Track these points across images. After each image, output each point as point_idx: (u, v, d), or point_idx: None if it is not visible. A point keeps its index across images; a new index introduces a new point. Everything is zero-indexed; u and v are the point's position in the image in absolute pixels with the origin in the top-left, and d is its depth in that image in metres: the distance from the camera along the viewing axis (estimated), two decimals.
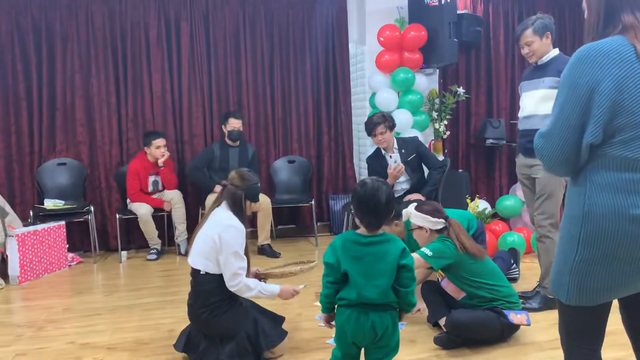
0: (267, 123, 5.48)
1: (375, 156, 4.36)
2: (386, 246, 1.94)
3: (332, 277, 1.98)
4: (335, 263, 1.96)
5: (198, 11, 5.20)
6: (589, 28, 1.49)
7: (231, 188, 2.60)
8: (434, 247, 2.76)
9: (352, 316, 1.94)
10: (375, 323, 1.93)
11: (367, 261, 1.93)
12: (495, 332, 2.74)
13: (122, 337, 3.02)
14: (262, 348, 2.57)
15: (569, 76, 1.41)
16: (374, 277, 1.91)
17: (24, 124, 4.92)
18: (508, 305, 2.79)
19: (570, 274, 1.45)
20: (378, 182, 1.97)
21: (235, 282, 2.48)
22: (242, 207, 2.59)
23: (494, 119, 5.88)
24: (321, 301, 2.05)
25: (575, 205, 1.45)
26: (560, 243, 1.51)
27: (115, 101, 5.09)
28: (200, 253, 2.54)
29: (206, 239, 2.52)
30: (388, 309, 1.95)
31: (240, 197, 2.58)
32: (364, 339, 1.97)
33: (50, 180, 4.88)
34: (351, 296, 1.94)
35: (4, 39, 4.84)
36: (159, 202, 4.83)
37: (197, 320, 2.59)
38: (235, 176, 2.63)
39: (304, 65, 5.52)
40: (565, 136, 1.41)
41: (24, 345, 2.94)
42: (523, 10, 6.09)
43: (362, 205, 1.95)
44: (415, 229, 2.91)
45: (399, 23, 5.15)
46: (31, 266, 4.24)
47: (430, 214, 2.83)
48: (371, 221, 1.95)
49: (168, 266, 4.60)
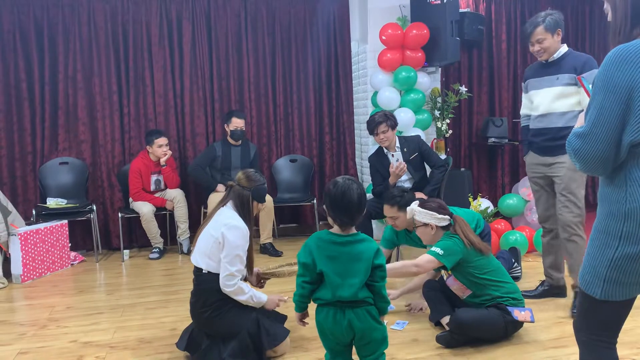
0: (269, 122, 5.48)
1: (377, 155, 4.35)
2: (361, 246, 1.97)
3: (308, 277, 2.00)
4: (310, 263, 1.98)
5: (200, 10, 5.20)
6: (615, 30, 1.52)
7: (238, 188, 2.61)
8: (443, 245, 2.76)
9: (329, 314, 1.97)
10: (351, 320, 1.95)
11: (343, 260, 1.95)
12: (499, 331, 2.73)
13: (125, 336, 3.02)
14: (265, 347, 2.57)
15: (605, 77, 1.43)
16: (348, 276, 1.94)
17: (27, 123, 4.93)
18: (512, 302, 2.78)
19: (608, 269, 1.49)
20: (349, 181, 2.00)
21: (230, 282, 2.48)
22: (249, 207, 2.60)
23: (496, 117, 5.88)
24: (295, 300, 2.07)
25: (615, 203, 1.49)
26: (595, 240, 1.54)
27: (117, 100, 5.09)
28: (203, 252, 2.55)
29: (210, 238, 2.52)
30: (364, 304, 1.97)
31: (247, 197, 2.60)
32: (342, 337, 1.99)
33: (53, 179, 4.88)
34: (326, 296, 1.96)
35: (6, 38, 4.85)
36: (161, 201, 4.83)
37: (199, 319, 2.59)
38: (242, 177, 2.63)
39: (306, 63, 5.51)
40: (606, 136, 1.43)
41: (26, 344, 2.95)
42: (525, 9, 6.08)
43: (334, 204, 1.97)
44: (420, 226, 2.89)
45: (401, 21, 5.15)
46: (34, 265, 4.24)
47: (435, 211, 2.83)
48: (344, 220, 1.97)
49: (170, 265, 4.60)
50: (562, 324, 3.00)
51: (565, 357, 2.59)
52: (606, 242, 1.50)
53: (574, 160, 1.52)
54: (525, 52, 6.12)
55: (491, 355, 2.64)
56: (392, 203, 3.36)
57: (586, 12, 6.36)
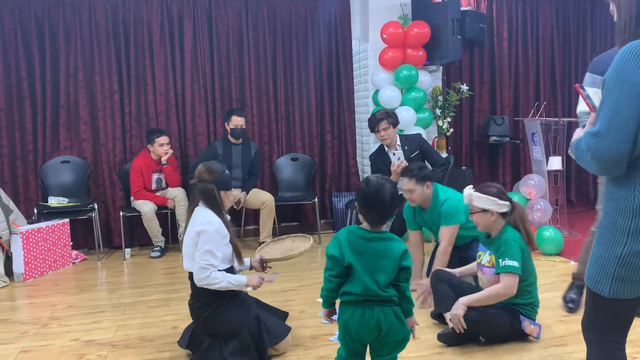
0: (270, 120, 5.48)
1: (379, 153, 4.35)
2: (389, 244, 1.97)
3: (336, 271, 1.98)
4: (339, 256, 1.96)
5: (201, 8, 5.20)
6: (621, 28, 1.52)
7: (201, 185, 2.57)
8: (513, 254, 2.62)
9: (357, 313, 1.94)
10: (380, 320, 1.93)
11: (370, 256, 1.95)
12: (503, 333, 2.72)
13: (126, 334, 3.03)
14: (266, 345, 2.57)
15: (618, 74, 1.43)
16: (375, 273, 1.93)
17: (28, 122, 4.93)
18: (528, 311, 2.74)
19: (617, 267, 1.48)
20: (382, 180, 1.99)
21: (202, 275, 2.45)
22: (217, 200, 2.56)
23: (498, 116, 5.88)
24: (323, 295, 2.05)
25: (622, 200, 1.48)
26: (602, 237, 1.53)
27: (118, 99, 5.09)
28: (190, 256, 2.54)
29: (190, 242, 2.52)
30: (391, 304, 1.96)
31: (212, 190, 2.55)
32: (368, 336, 1.96)
33: (54, 178, 4.89)
34: (356, 290, 1.94)
35: (7, 37, 4.85)
36: (163, 200, 4.83)
37: (199, 319, 2.59)
38: (203, 170, 2.59)
39: (307, 62, 5.51)
40: (623, 133, 1.41)
41: (28, 342, 2.95)
42: (527, 7, 6.08)
43: (366, 202, 1.97)
44: (478, 212, 2.72)
45: (402, 20, 5.14)
46: (35, 263, 4.25)
47: (497, 197, 2.68)
48: (375, 218, 1.97)
49: (172, 263, 4.60)
50: (563, 322, 3.00)
51: (567, 356, 2.59)
52: (614, 239, 1.49)
53: (590, 162, 1.48)
54: (527, 50, 6.11)
55: (492, 354, 2.64)
56: (410, 176, 3.40)
57: (587, 11, 6.35)
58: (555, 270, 4.04)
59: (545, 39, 6.18)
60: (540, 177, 4.88)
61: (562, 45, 6.32)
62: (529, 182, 4.82)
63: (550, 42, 6.23)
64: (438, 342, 2.77)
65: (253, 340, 2.54)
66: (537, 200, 4.77)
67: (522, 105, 6.14)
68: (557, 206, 5.12)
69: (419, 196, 3.42)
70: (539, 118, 5.03)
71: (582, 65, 6.41)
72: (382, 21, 5.04)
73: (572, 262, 4.24)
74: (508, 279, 2.65)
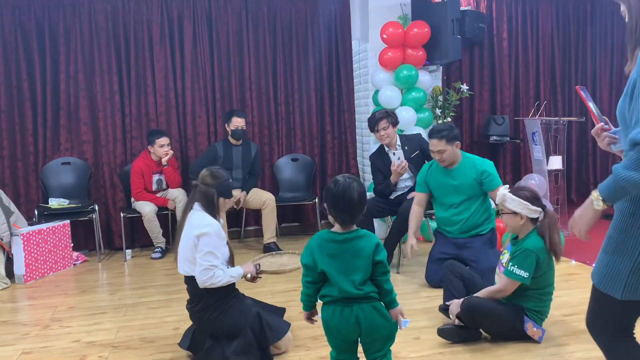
0: (271, 121, 5.48)
1: (379, 153, 4.35)
2: (361, 242, 1.97)
3: (311, 277, 2.02)
4: (311, 263, 2.00)
5: (201, 9, 5.20)
6: (632, 29, 1.52)
7: (203, 187, 2.58)
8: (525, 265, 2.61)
9: (336, 311, 1.98)
10: (359, 317, 1.95)
11: (344, 257, 1.96)
12: (504, 329, 2.72)
13: (127, 335, 3.03)
14: (269, 342, 2.58)
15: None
16: (350, 273, 1.95)
17: (28, 123, 4.94)
18: (535, 316, 2.73)
19: (631, 272, 1.47)
20: (350, 180, 2.00)
21: (206, 276, 2.45)
22: (215, 204, 2.58)
23: (498, 115, 5.88)
24: (302, 300, 2.09)
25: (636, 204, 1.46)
26: (615, 240, 1.52)
27: (118, 100, 5.10)
28: (186, 259, 2.54)
29: (187, 244, 2.52)
30: (370, 300, 1.97)
31: (212, 195, 2.57)
32: (350, 334, 1.99)
33: (55, 180, 4.89)
34: (333, 293, 1.97)
35: (8, 39, 4.85)
36: (163, 201, 4.84)
37: (200, 321, 2.59)
38: (207, 174, 2.62)
39: (307, 63, 5.51)
40: None
41: (29, 344, 2.96)
42: (527, 7, 6.08)
43: (335, 203, 1.98)
44: (508, 213, 2.69)
45: (402, 20, 5.14)
46: (36, 265, 4.25)
47: (530, 201, 2.64)
48: (345, 218, 1.98)
49: (172, 264, 4.55)
50: (564, 322, 3.00)
51: (568, 355, 2.59)
52: (629, 242, 1.47)
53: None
54: (527, 50, 6.11)
55: (493, 353, 2.64)
56: (440, 137, 3.50)
57: (587, 10, 6.35)
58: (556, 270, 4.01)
59: (545, 38, 6.18)
60: (540, 176, 4.88)
61: (562, 44, 6.32)
62: (529, 182, 4.81)
63: (550, 42, 6.23)
64: (439, 343, 2.77)
65: (255, 338, 2.55)
66: None
67: (522, 105, 6.14)
68: (558, 205, 5.13)
69: (449, 155, 3.56)
70: (539, 117, 5.03)
71: (582, 65, 6.41)
72: (382, 21, 5.04)
73: (573, 261, 4.25)
74: (508, 281, 2.68)
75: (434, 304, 3.28)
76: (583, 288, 3.59)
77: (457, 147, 3.58)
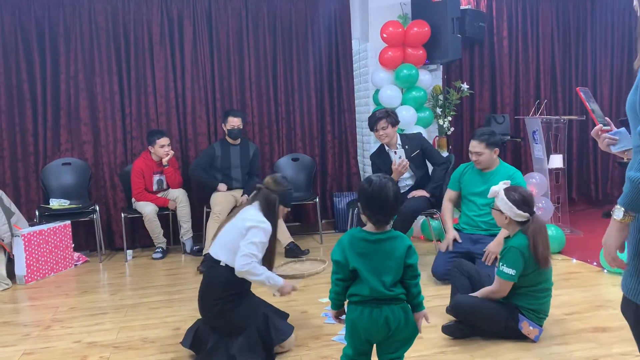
0: (271, 121, 5.48)
1: (379, 153, 4.35)
2: (393, 243, 1.95)
3: (341, 275, 1.99)
4: (343, 260, 1.97)
5: (201, 9, 5.20)
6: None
7: (266, 191, 2.68)
8: (512, 262, 2.63)
9: (365, 312, 1.94)
10: (388, 317, 1.93)
11: (375, 258, 1.94)
12: (497, 327, 2.72)
13: (128, 336, 3.03)
14: (275, 342, 2.60)
15: None
16: (381, 274, 1.93)
17: (29, 124, 4.94)
18: (531, 315, 2.73)
19: None
20: (384, 179, 1.97)
21: (245, 262, 2.46)
22: (274, 210, 2.67)
23: (498, 114, 5.87)
24: (331, 298, 2.06)
25: None
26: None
27: (119, 100, 5.10)
28: (224, 245, 2.58)
29: (233, 231, 2.57)
30: (399, 302, 1.97)
31: (274, 201, 2.67)
32: (377, 335, 1.96)
33: (55, 180, 4.89)
34: (364, 292, 1.95)
35: (8, 39, 4.86)
36: (164, 201, 4.84)
37: (208, 311, 2.60)
38: (270, 181, 2.72)
39: (307, 62, 5.51)
40: None
41: (30, 345, 2.96)
42: (526, 5, 6.07)
43: (370, 203, 1.95)
44: (496, 209, 2.76)
45: (402, 19, 5.14)
46: (37, 266, 4.25)
47: (516, 205, 2.67)
48: (379, 218, 1.96)
49: (173, 265, 4.61)
50: (565, 321, 3.00)
51: (569, 354, 2.59)
52: None
53: None
54: (527, 49, 6.11)
55: (494, 352, 2.63)
56: (481, 140, 3.61)
57: (587, 8, 6.35)
58: (557, 269, 4.02)
59: (545, 37, 6.17)
60: (541, 175, 4.88)
61: (563, 43, 6.31)
62: (530, 181, 4.81)
63: (551, 40, 6.22)
64: (441, 342, 2.77)
65: (260, 337, 2.57)
66: (538, 198, 4.76)
67: (523, 104, 6.13)
68: (559, 204, 5.12)
69: (485, 159, 3.66)
70: (539, 116, 5.02)
71: (582, 63, 6.40)
72: (382, 20, 5.04)
73: (574, 260, 4.24)
74: (501, 282, 2.70)
75: (435, 303, 3.28)
76: (584, 287, 3.59)
77: (495, 153, 3.67)
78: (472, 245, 3.69)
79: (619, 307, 1.59)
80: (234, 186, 4.86)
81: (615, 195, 6.52)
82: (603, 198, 6.53)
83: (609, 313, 3.07)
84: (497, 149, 3.67)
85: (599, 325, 2.92)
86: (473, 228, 3.76)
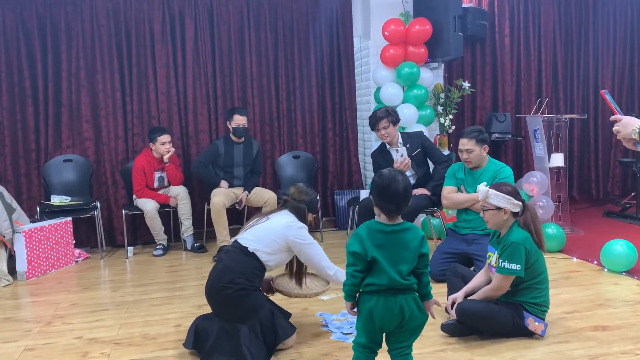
0: (272, 118, 5.48)
1: (380, 151, 4.35)
2: (409, 234, 2.04)
3: (360, 266, 2.04)
4: (362, 252, 2.02)
5: (202, 6, 5.20)
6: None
7: (293, 202, 2.81)
8: (515, 257, 2.64)
9: (381, 301, 2.01)
10: (403, 306, 2.00)
11: (392, 248, 2.02)
12: (505, 328, 2.72)
13: (129, 332, 3.04)
14: (280, 338, 2.64)
15: None
16: (397, 264, 2.01)
17: (30, 121, 4.95)
18: (534, 309, 2.73)
19: None
20: (394, 172, 2.07)
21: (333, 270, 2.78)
22: (305, 218, 2.83)
23: (500, 112, 5.86)
24: (346, 290, 2.10)
25: None
26: None
27: (120, 97, 5.10)
28: (258, 238, 2.70)
29: (269, 227, 2.72)
30: (412, 292, 2.05)
31: (304, 209, 2.82)
32: (392, 322, 2.02)
33: (57, 177, 4.90)
34: (382, 282, 2.01)
35: (9, 36, 4.86)
36: (165, 198, 4.84)
37: (217, 294, 2.62)
38: (295, 191, 2.84)
39: (309, 60, 5.51)
40: None
41: (32, 341, 2.96)
42: (528, 3, 6.06)
43: (381, 194, 2.04)
44: (492, 209, 2.74)
45: (404, 17, 5.14)
46: (38, 262, 4.26)
47: (512, 196, 2.71)
48: (391, 209, 2.03)
49: (174, 262, 4.61)
50: (565, 320, 3.00)
51: (570, 352, 2.59)
52: None
53: None
54: (529, 47, 6.10)
55: (495, 351, 2.64)
56: (471, 137, 3.61)
57: (589, 6, 6.33)
58: (557, 267, 4.04)
59: (547, 35, 6.16)
60: (542, 174, 4.88)
61: (564, 41, 6.30)
62: (531, 179, 4.81)
63: (552, 39, 6.21)
64: (441, 339, 2.77)
65: (263, 332, 2.60)
66: (539, 197, 4.76)
67: (524, 102, 6.13)
68: (560, 203, 5.12)
69: (476, 156, 3.64)
70: (541, 115, 5.02)
71: (584, 62, 6.40)
72: (383, 18, 5.03)
73: (575, 259, 4.24)
74: (503, 278, 2.70)
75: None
76: (584, 286, 3.59)
77: (484, 150, 3.66)
78: (467, 246, 3.68)
79: (619, 305, 1.59)
80: (235, 184, 4.86)
81: (616, 195, 6.53)
82: (604, 197, 6.53)
83: (609, 312, 3.07)
84: (486, 146, 3.67)
85: (599, 323, 2.92)
86: (468, 229, 3.74)
